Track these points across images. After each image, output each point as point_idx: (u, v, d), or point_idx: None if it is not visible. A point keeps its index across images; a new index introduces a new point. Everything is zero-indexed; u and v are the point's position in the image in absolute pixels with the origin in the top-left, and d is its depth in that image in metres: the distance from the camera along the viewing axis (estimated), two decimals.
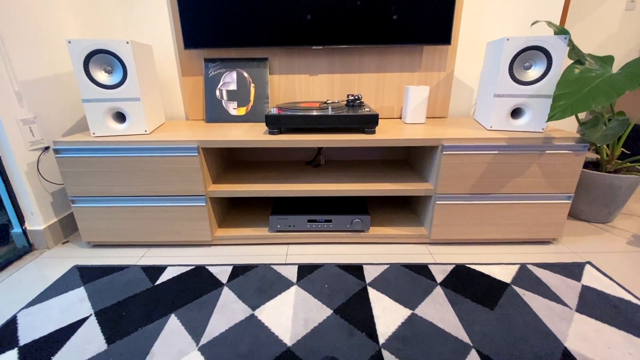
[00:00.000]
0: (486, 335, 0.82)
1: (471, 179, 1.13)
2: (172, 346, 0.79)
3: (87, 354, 0.78)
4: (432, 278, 1.04)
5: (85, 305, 0.93)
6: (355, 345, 0.79)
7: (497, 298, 0.95)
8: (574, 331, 0.83)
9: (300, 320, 0.87)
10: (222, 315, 0.89)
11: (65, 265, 1.14)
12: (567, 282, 1.02)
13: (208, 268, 1.10)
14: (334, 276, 1.05)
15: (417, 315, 0.88)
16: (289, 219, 1.23)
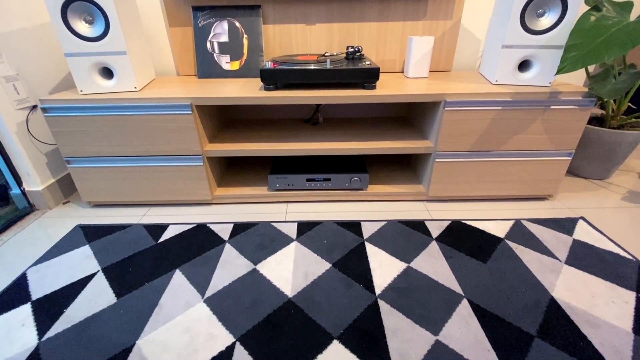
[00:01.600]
0: (478, 286, 0.86)
1: (472, 136, 1.11)
2: (179, 299, 0.83)
3: (98, 306, 0.82)
4: (428, 233, 1.06)
5: (92, 262, 0.97)
6: (352, 296, 0.83)
7: (490, 252, 0.98)
8: (561, 282, 0.87)
9: (300, 273, 0.91)
10: (225, 270, 0.93)
11: (68, 224, 1.16)
12: (559, 236, 1.05)
13: (209, 226, 1.12)
14: (333, 232, 1.07)
15: (412, 268, 0.92)
16: (288, 178, 1.23)
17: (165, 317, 0.78)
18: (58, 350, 0.71)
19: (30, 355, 0.70)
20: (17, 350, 0.71)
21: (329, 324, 0.76)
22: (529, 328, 0.74)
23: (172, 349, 0.71)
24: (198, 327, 0.76)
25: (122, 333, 0.75)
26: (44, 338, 0.73)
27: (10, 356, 0.70)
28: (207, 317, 0.78)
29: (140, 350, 0.71)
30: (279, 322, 0.77)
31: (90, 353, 0.70)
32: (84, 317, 0.79)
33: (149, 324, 0.77)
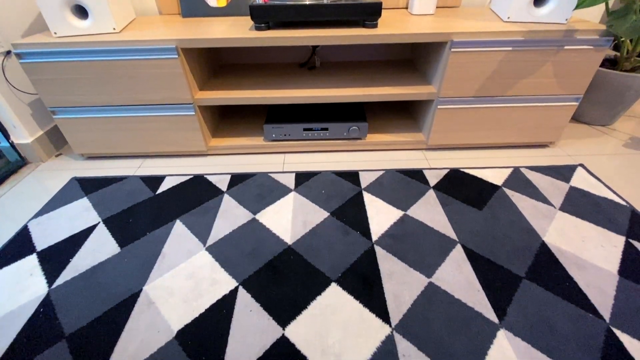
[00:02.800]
0: (472, 232, 0.88)
1: (478, 80, 1.05)
2: (181, 247, 0.86)
3: (103, 255, 0.84)
4: (425, 182, 1.06)
5: (92, 214, 0.97)
6: (350, 242, 0.86)
7: (486, 199, 0.99)
8: (553, 227, 0.89)
9: (299, 222, 0.92)
10: (225, 219, 0.94)
11: (63, 177, 1.15)
12: (556, 183, 1.05)
13: (206, 177, 1.11)
14: (331, 182, 1.07)
15: (408, 216, 0.94)
16: (284, 127, 1.19)
17: (169, 264, 0.81)
18: (68, 297, 0.74)
19: (42, 301, 0.73)
20: (29, 298, 0.74)
21: (327, 269, 0.79)
22: (518, 270, 0.78)
23: (177, 294, 0.74)
24: (201, 273, 0.79)
25: (129, 280, 0.78)
26: (53, 286, 0.77)
27: (23, 303, 0.73)
28: (210, 264, 0.81)
29: (148, 295, 0.74)
30: (279, 268, 0.79)
31: (101, 298, 0.73)
32: (90, 266, 0.81)
33: (153, 271, 0.79)
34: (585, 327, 0.66)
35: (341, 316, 0.69)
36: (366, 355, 0.63)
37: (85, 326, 0.68)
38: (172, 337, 0.66)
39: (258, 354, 0.63)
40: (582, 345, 0.63)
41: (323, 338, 0.66)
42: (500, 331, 0.66)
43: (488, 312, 0.69)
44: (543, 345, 0.63)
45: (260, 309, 0.71)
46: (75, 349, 0.64)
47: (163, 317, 0.70)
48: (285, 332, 0.67)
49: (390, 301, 0.72)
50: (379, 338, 0.65)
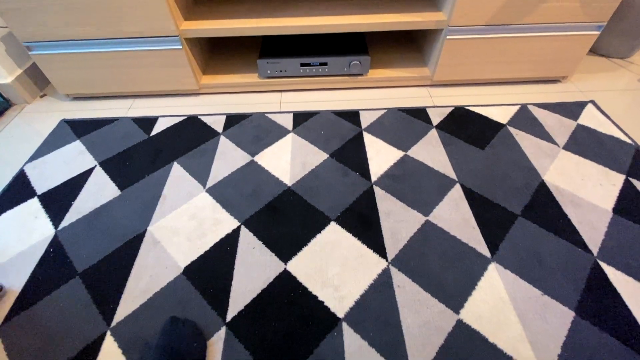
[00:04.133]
0: (472, 172, 0.88)
1: (493, 5, 0.95)
2: (181, 189, 0.86)
3: (104, 198, 0.84)
4: (428, 121, 1.03)
5: (87, 157, 0.96)
6: (349, 183, 0.86)
7: (489, 138, 0.97)
8: (554, 166, 0.89)
9: (298, 163, 0.91)
10: (223, 161, 0.93)
11: (52, 119, 1.11)
12: (563, 121, 1.02)
13: (201, 118, 1.07)
14: (330, 123, 1.03)
15: (408, 156, 0.92)
16: (280, 62, 1.11)
17: (170, 206, 0.82)
18: (76, 237, 0.76)
19: (51, 242, 0.76)
20: (37, 239, 0.76)
21: (327, 208, 0.80)
22: (514, 208, 0.79)
23: (181, 233, 0.76)
24: (203, 214, 0.80)
25: (133, 221, 0.79)
26: (59, 227, 0.78)
27: (34, 243, 0.76)
28: (211, 205, 0.82)
29: (153, 235, 0.76)
30: (279, 208, 0.81)
31: (107, 238, 0.76)
32: (92, 208, 0.82)
33: (156, 213, 0.81)
34: (573, 260, 0.70)
35: (340, 252, 0.72)
36: (363, 286, 0.67)
37: (96, 264, 0.71)
38: (179, 273, 0.70)
39: (262, 286, 0.67)
40: (568, 276, 0.67)
41: (323, 272, 0.69)
42: (491, 264, 0.69)
43: (481, 247, 0.72)
44: (530, 276, 0.67)
45: (263, 246, 0.74)
46: (90, 284, 0.68)
47: (169, 254, 0.73)
48: (287, 267, 0.70)
49: (388, 238, 0.74)
50: (376, 271, 0.69)
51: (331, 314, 0.63)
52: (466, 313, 0.63)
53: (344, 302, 0.65)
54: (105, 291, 0.67)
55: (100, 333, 0.61)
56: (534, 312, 0.62)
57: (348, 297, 0.65)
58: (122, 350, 0.59)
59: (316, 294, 0.66)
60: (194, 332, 0.60)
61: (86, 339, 0.61)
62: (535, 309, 0.63)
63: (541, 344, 0.59)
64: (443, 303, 0.64)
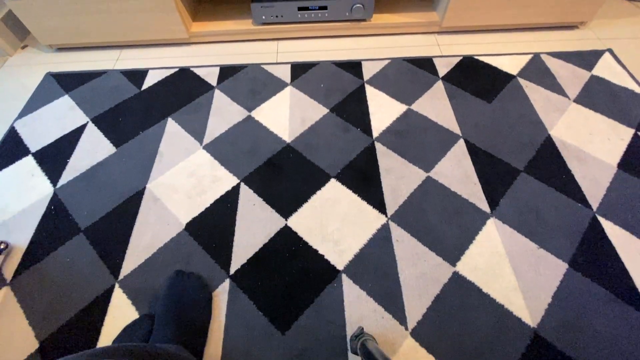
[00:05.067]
0: (476, 126, 0.85)
1: None
2: (178, 146, 0.84)
3: (100, 156, 0.83)
4: (434, 72, 0.97)
5: (78, 113, 0.92)
6: (349, 140, 0.83)
7: (497, 91, 0.92)
8: (563, 120, 0.85)
9: (297, 119, 0.88)
10: (219, 117, 0.89)
11: (36, 73, 1.05)
12: (577, 71, 0.96)
13: (193, 70, 1.01)
14: (330, 75, 0.98)
15: (412, 111, 0.89)
16: (275, 6, 1.02)
17: (168, 163, 0.81)
18: (75, 195, 0.76)
19: (51, 200, 0.76)
20: (37, 197, 0.76)
21: (327, 165, 0.79)
22: (517, 164, 0.78)
23: (181, 190, 0.76)
24: (202, 171, 0.79)
25: (131, 178, 0.78)
26: (57, 186, 0.78)
27: (34, 201, 0.76)
28: (209, 162, 0.81)
29: (152, 192, 0.76)
30: (278, 165, 0.79)
31: (107, 196, 0.76)
32: (89, 166, 0.81)
33: (154, 170, 0.80)
34: (572, 215, 0.70)
35: (340, 208, 0.72)
36: (363, 241, 0.68)
37: (98, 221, 0.72)
38: (182, 229, 0.70)
39: (264, 241, 0.69)
40: (565, 231, 0.68)
41: (323, 227, 0.70)
42: (490, 219, 0.70)
43: (481, 202, 0.72)
44: (528, 231, 0.68)
45: (263, 202, 0.74)
46: (94, 240, 0.69)
47: (170, 211, 0.73)
48: (288, 222, 0.71)
49: (388, 194, 0.74)
50: (375, 226, 0.70)
51: (331, 266, 0.65)
52: (462, 265, 0.65)
53: (344, 256, 0.66)
54: (110, 247, 0.69)
55: (109, 286, 0.64)
56: (528, 264, 0.64)
57: (347, 251, 0.67)
58: (131, 301, 0.62)
59: (316, 248, 0.67)
60: (199, 284, 0.62)
61: (96, 291, 0.63)
62: (529, 261, 0.65)
63: (533, 293, 0.61)
64: (440, 256, 0.66)
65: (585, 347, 0.56)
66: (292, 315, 0.60)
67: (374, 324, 0.59)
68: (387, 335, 0.58)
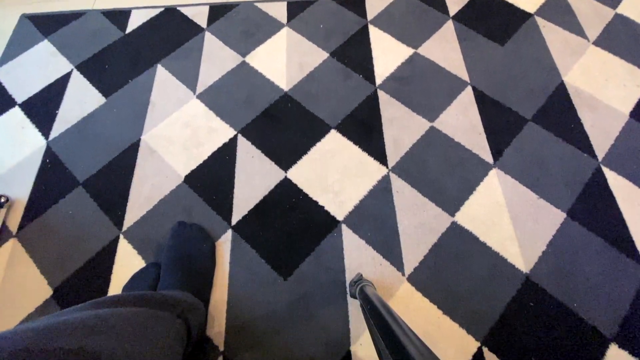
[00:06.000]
0: (486, 72, 0.80)
1: None
2: (170, 96, 0.80)
3: (89, 106, 0.79)
4: (445, 11, 0.89)
5: (61, 60, 0.86)
6: (351, 87, 0.79)
7: (512, 32, 0.85)
8: (579, 65, 0.80)
9: (294, 65, 0.82)
10: (211, 63, 0.84)
11: (10, 14, 0.96)
12: (600, 10, 0.88)
13: (180, 10, 0.92)
14: (331, 13, 0.90)
15: (419, 55, 0.83)
16: None
17: (161, 114, 0.78)
18: (69, 148, 0.74)
19: (45, 153, 0.74)
20: (30, 150, 0.74)
21: (327, 115, 0.76)
22: (525, 112, 0.75)
23: (177, 142, 0.74)
24: (197, 122, 0.76)
25: (124, 130, 0.76)
26: (50, 138, 0.76)
27: (28, 154, 0.74)
28: (204, 113, 0.77)
29: (148, 144, 0.74)
30: (276, 115, 0.76)
31: (101, 148, 0.74)
32: (80, 117, 0.78)
33: (147, 121, 0.77)
34: (576, 165, 0.69)
35: (340, 160, 0.71)
36: (363, 192, 0.68)
37: (96, 174, 0.71)
38: (181, 181, 0.70)
39: (264, 193, 0.68)
40: (567, 181, 0.67)
41: (323, 179, 0.69)
42: (493, 170, 0.69)
43: (485, 153, 0.71)
44: (529, 181, 0.68)
45: (262, 155, 0.72)
46: (94, 193, 0.69)
47: (168, 163, 0.72)
48: (288, 175, 0.70)
49: (389, 145, 0.72)
50: (376, 178, 0.69)
51: (331, 217, 0.66)
52: (461, 215, 0.65)
53: (344, 207, 0.67)
54: (110, 199, 0.69)
55: (113, 236, 0.65)
56: (527, 214, 0.65)
57: (347, 202, 0.67)
58: (137, 251, 0.64)
59: (316, 199, 0.67)
60: (201, 235, 0.63)
61: (101, 241, 0.65)
62: (528, 211, 0.65)
63: (528, 241, 0.63)
64: (440, 207, 0.66)
65: (574, 291, 0.58)
66: (294, 262, 0.62)
67: (372, 270, 0.61)
68: (385, 280, 0.61)
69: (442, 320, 0.58)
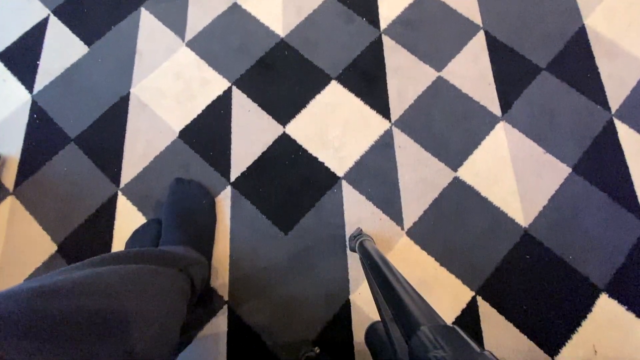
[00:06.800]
0: (501, 14, 0.73)
1: None
2: (158, 44, 0.74)
3: (72, 56, 0.74)
4: None
5: (35, 4, 0.78)
6: (353, 33, 0.73)
7: None
8: (603, 6, 0.73)
9: (291, 7, 0.75)
10: (199, 6, 0.76)
11: None
12: None
13: None
14: None
15: None
16: None
17: (149, 64, 0.73)
18: (56, 102, 0.71)
19: (31, 107, 0.70)
20: (16, 105, 0.71)
21: (327, 65, 0.71)
22: (540, 61, 0.70)
23: (169, 95, 0.70)
24: (189, 73, 0.72)
25: (112, 82, 0.72)
26: (34, 92, 0.71)
27: (14, 110, 0.71)
28: (196, 62, 0.72)
29: (138, 98, 0.70)
30: (273, 65, 0.71)
31: (90, 102, 0.70)
32: (63, 69, 0.73)
33: (135, 73, 0.72)
34: (588, 117, 0.66)
35: (341, 114, 0.68)
36: (364, 148, 0.66)
37: (87, 129, 0.69)
38: (176, 137, 0.68)
39: (262, 149, 0.67)
40: (577, 135, 0.65)
41: (323, 134, 0.67)
42: (500, 123, 0.66)
43: (493, 105, 0.67)
44: (537, 135, 0.65)
45: (258, 108, 0.69)
46: (87, 150, 0.67)
47: (161, 118, 0.69)
48: (286, 130, 0.67)
49: (393, 97, 0.68)
50: (378, 133, 0.67)
51: (331, 173, 0.65)
52: (464, 170, 0.64)
53: (344, 163, 0.65)
54: (105, 156, 0.67)
55: (112, 193, 0.65)
56: (531, 169, 0.63)
57: (348, 158, 0.65)
58: (136, 207, 0.64)
59: (316, 155, 0.66)
60: (200, 191, 0.63)
61: (100, 198, 0.64)
62: (533, 166, 0.64)
63: (530, 196, 0.62)
64: (442, 162, 0.65)
65: (571, 245, 0.59)
66: (294, 218, 0.62)
67: (372, 225, 0.62)
68: (384, 234, 0.61)
69: (439, 271, 0.59)
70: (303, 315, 0.57)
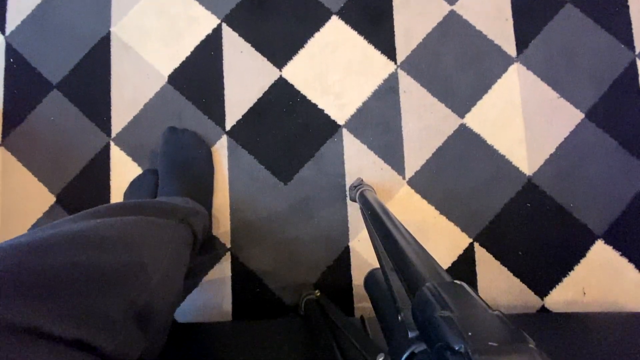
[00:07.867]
0: None
1: None
2: None
3: None
4: None
5: None
6: None
7: None
8: None
9: None
10: None
11: None
12: None
13: None
14: None
15: None
16: None
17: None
18: (32, 44, 0.65)
19: (6, 51, 0.64)
20: None
21: None
22: None
23: (153, 36, 0.64)
24: (173, 9, 0.64)
25: (89, 20, 0.65)
26: (7, 33, 0.65)
27: None
28: None
29: (120, 39, 0.64)
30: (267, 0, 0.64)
31: (69, 44, 0.64)
32: (34, 5, 0.65)
33: (114, 8, 0.65)
34: (609, 58, 0.61)
35: (343, 55, 0.63)
36: (367, 93, 0.62)
37: (69, 75, 0.64)
38: (164, 82, 0.63)
39: (258, 95, 0.63)
40: (595, 77, 0.60)
41: (323, 78, 0.63)
42: (513, 65, 0.61)
43: (508, 45, 0.62)
44: (553, 78, 0.61)
45: (252, 49, 0.63)
46: (72, 97, 0.63)
47: (147, 61, 0.64)
48: (283, 74, 0.63)
49: (400, 36, 0.62)
50: (382, 76, 0.62)
51: (331, 121, 0.62)
52: (471, 117, 0.61)
53: (345, 110, 0.62)
54: (92, 103, 0.63)
55: (104, 143, 0.62)
56: (542, 115, 0.60)
57: (349, 105, 0.62)
58: (131, 157, 0.62)
59: (316, 102, 0.62)
60: (195, 141, 0.60)
61: (92, 148, 0.62)
62: (544, 112, 0.60)
63: (537, 144, 0.60)
64: (449, 108, 0.61)
65: (574, 193, 0.58)
66: (293, 167, 0.61)
67: (373, 174, 0.61)
68: (385, 184, 0.61)
69: (439, 219, 0.60)
70: (304, 261, 0.59)
